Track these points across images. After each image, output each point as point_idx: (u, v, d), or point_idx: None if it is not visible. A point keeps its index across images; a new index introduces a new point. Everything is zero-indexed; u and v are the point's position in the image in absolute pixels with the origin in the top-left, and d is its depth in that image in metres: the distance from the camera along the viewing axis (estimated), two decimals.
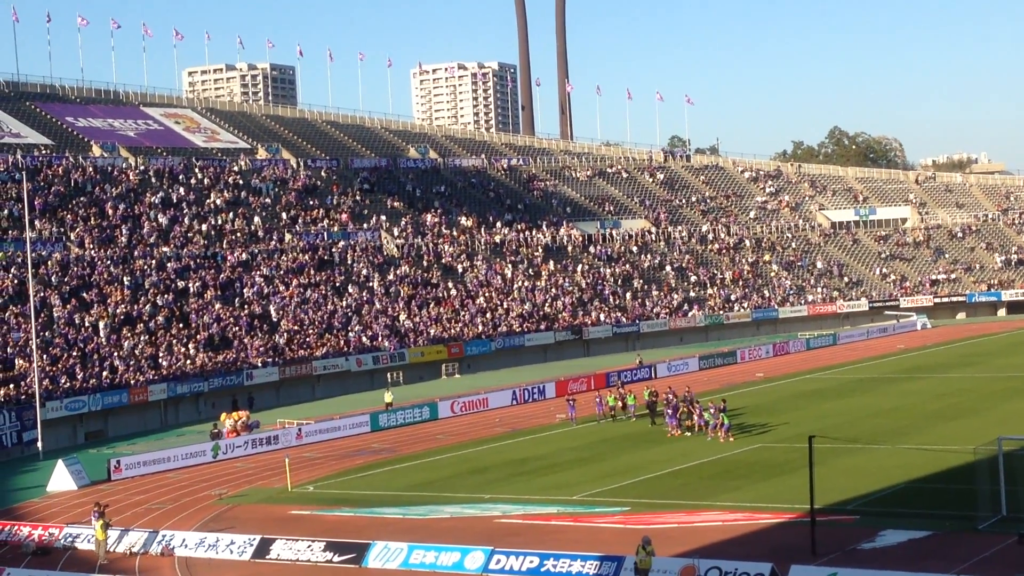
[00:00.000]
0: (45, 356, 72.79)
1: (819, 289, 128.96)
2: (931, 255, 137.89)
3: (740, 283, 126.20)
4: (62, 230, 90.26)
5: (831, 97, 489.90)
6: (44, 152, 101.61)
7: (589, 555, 35.47)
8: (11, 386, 68.24)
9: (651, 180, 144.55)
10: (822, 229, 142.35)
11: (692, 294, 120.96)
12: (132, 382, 74.98)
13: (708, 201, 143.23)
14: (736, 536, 38.36)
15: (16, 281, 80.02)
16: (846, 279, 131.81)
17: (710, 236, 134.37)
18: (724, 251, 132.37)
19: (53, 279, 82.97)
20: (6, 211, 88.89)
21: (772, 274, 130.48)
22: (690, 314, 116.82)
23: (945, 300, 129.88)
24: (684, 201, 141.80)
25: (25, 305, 74.61)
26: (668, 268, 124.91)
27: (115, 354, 77.43)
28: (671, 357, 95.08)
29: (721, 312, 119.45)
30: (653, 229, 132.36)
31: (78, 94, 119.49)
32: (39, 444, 64.63)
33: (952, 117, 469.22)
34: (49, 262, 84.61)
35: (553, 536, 39.74)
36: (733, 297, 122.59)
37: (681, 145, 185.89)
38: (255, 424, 66.06)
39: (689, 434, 59.05)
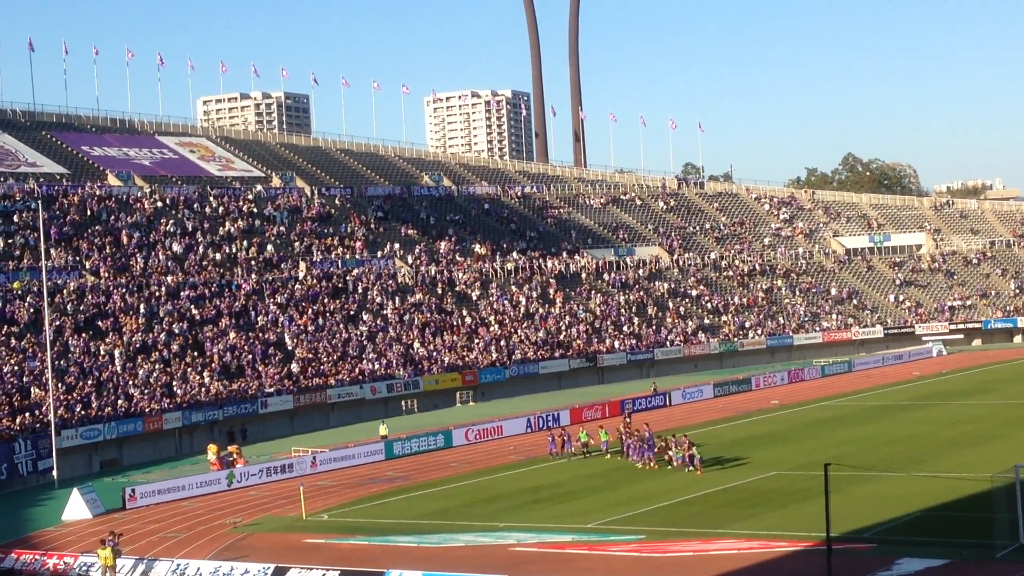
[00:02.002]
0: (61, 385, 72.94)
1: (834, 316, 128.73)
2: (946, 281, 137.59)
3: (754, 310, 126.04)
4: (77, 259, 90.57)
5: (845, 124, 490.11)
6: (60, 181, 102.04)
7: None
8: (27, 415, 68.36)
9: (665, 207, 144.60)
10: (836, 256, 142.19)
11: (706, 321, 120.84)
12: (147, 410, 75.07)
13: (722, 228, 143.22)
14: (752, 565, 38.22)
15: (32, 310, 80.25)
16: (859, 306, 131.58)
17: (724, 263, 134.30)
18: (738, 278, 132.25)
19: (68, 308, 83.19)
20: (22, 240, 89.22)
21: (786, 301, 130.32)
22: (704, 341, 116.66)
23: (961, 327, 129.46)
24: (698, 228, 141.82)
25: (41, 334, 74.81)
26: (682, 295, 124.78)
27: (130, 382, 77.57)
28: (686, 384, 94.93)
29: (735, 339, 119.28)
30: (667, 256, 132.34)
31: (94, 123, 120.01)
32: (55, 473, 64.69)
33: (966, 143, 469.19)
34: (65, 291, 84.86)
35: (568, 564, 39.64)
36: (747, 324, 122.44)
37: (695, 172, 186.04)
38: (227, 457, 64.60)
39: (670, 467, 58.17)
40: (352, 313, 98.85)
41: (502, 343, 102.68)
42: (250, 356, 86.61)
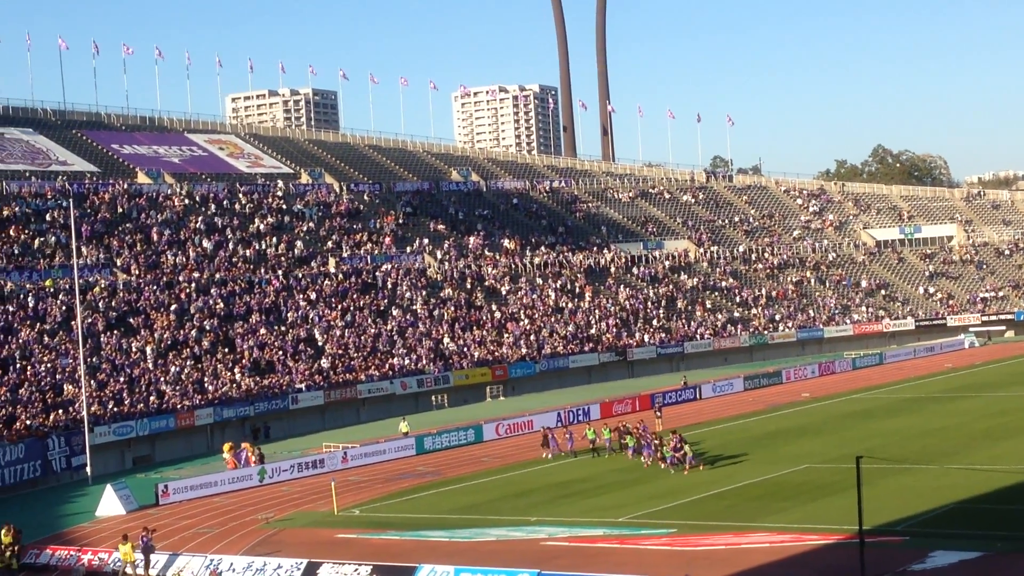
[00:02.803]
0: (93, 382, 73.34)
1: (864, 308, 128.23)
2: (977, 272, 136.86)
3: (784, 303, 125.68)
4: (108, 256, 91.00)
5: (874, 115, 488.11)
6: (91, 179, 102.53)
7: None
8: (60, 412, 68.76)
9: (693, 200, 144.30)
10: (867, 248, 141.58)
11: (736, 314, 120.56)
12: (179, 407, 75.43)
13: (751, 221, 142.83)
14: (784, 558, 38.16)
15: (64, 307, 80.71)
16: (890, 298, 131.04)
17: (753, 256, 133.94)
18: (768, 271, 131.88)
19: (100, 305, 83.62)
20: (53, 238, 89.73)
21: (816, 293, 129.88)
22: (734, 334, 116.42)
23: (993, 318, 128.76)
24: (727, 221, 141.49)
25: (73, 331, 75.25)
26: (711, 289, 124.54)
27: (162, 379, 77.94)
28: (716, 378, 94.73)
29: (766, 332, 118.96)
30: (696, 250, 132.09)
31: (123, 122, 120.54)
32: (88, 469, 65.07)
33: (997, 134, 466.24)
34: (96, 288, 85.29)
35: (599, 559, 39.64)
36: (778, 317, 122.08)
37: (723, 165, 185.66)
38: (242, 452, 64.75)
39: (663, 465, 57.42)
40: (382, 308, 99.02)
41: (532, 337, 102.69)
42: (280, 352, 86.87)
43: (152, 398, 75.09)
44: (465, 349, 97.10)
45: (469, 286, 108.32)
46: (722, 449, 61.63)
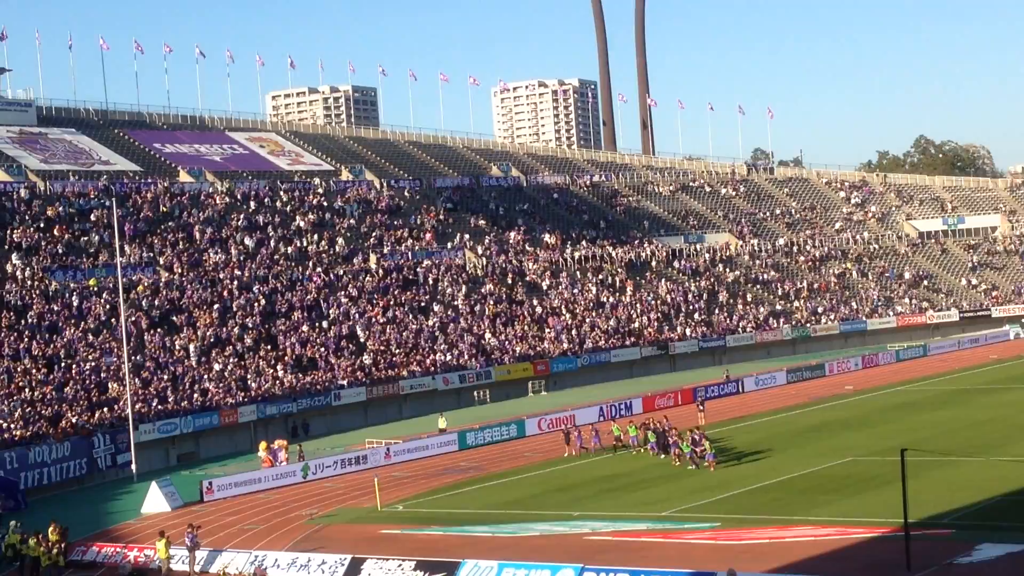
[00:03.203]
0: (137, 380, 73.79)
1: (908, 300, 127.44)
2: (1021, 263, 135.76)
3: (827, 295, 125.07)
4: (151, 255, 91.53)
5: (916, 106, 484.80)
6: (133, 178, 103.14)
7: (680, 572, 35.30)
8: (105, 409, 69.24)
9: (734, 193, 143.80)
10: (910, 239, 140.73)
11: (778, 307, 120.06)
12: (222, 404, 75.80)
13: (792, 213, 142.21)
14: (829, 552, 37.97)
15: (108, 306, 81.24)
16: (933, 289, 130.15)
17: (795, 248, 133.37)
18: (810, 263, 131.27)
19: (143, 303, 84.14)
20: (97, 237, 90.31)
21: (859, 285, 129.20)
22: (777, 327, 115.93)
23: None
24: (768, 214, 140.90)
25: (117, 330, 75.75)
26: (753, 281, 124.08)
27: (205, 376, 78.35)
28: (758, 371, 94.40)
29: (808, 325, 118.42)
30: (737, 242, 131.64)
31: (165, 121, 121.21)
32: (133, 467, 65.53)
33: None
34: (139, 287, 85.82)
35: (643, 553, 39.57)
36: (820, 309, 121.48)
37: (764, 158, 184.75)
38: (278, 451, 65.13)
39: (679, 463, 56.86)
40: (423, 304, 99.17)
41: (573, 332, 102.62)
42: (323, 349, 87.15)
43: (196, 395, 75.50)
44: (506, 344, 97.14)
45: (510, 281, 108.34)
46: (762, 443, 61.46)
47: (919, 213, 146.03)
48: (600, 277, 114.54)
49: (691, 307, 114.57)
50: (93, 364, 74.59)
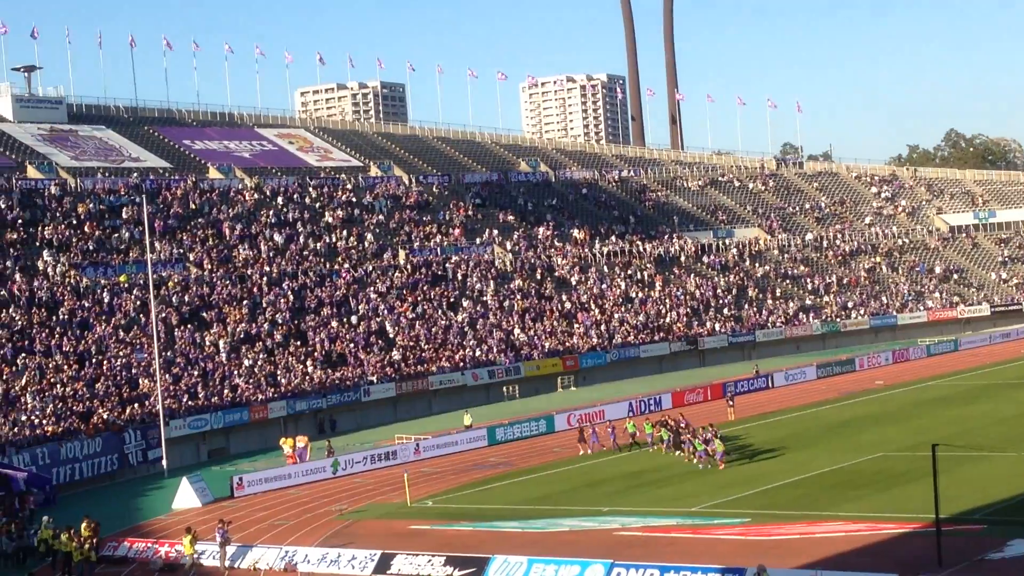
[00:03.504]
0: (167, 376, 74.10)
1: (938, 294, 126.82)
2: None
3: (857, 290, 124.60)
4: (181, 251, 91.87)
5: (946, 99, 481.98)
6: (163, 175, 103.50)
7: (710, 567, 35.25)
8: (136, 405, 69.56)
9: (764, 188, 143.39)
10: (940, 233, 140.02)
11: (808, 302, 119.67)
12: (252, 400, 76.04)
13: (822, 208, 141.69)
14: (860, 547, 37.87)
15: (138, 302, 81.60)
16: (964, 283, 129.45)
17: (825, 243, 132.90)
18: (840, 258, 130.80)
19: (173, 300, 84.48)
20: (127, 234, 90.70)
21: (889, 280, 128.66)
22: (806, 322, 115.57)
23: None
24: (798, 208, 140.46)
25: (147, 326, 76.08)
26: (783, 276, 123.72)
27: (235, 372, 78.61)
28: (788, 366, 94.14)
29: (838, 320, 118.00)
30: (767, 237, 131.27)
31: (194, 117, 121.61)
32: (164, 462, 65.82)
33: None
34: (169, 283, 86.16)
35: (672, 548, 39.54)
36: (850, 304, 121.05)
37: (793, 152, 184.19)
38: (303, 450, 64.80)
39: (693, 460, 56.27)
40: (452, 300, 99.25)
41: (602, 327, 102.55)
42: (352, 345, 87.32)
43: (226, 391, 75.77)
44: (536, 340, 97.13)
45: (539, 277, 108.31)
46: (782, 441, 61.32)
47: (950, 207, 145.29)
48: (629, 272, 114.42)
49: (720, 302, 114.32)
50: (124, 360, 74.95)
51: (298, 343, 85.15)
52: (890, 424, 64.49)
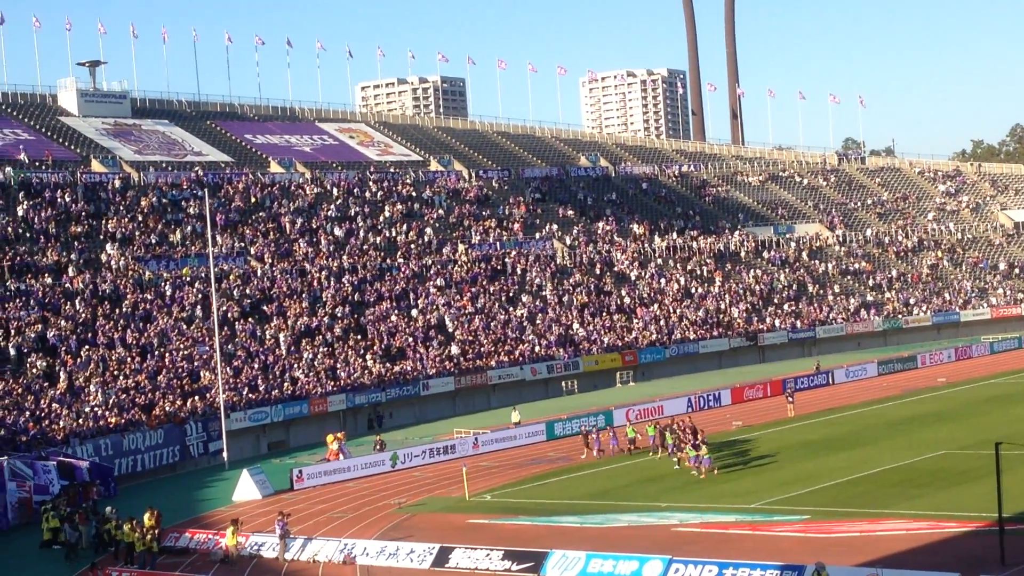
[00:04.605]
0: (228, 368, 74.65)
1: (1002, 291, 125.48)
2: None
3: (919, 286, 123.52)
4: (242, 245, 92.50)
5: (1012, 93, 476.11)
6: (224, 169, 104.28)
7: (769, 564, 35.09)
8: (197, 398, 70.14)
9: (825, 183, 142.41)
10: (1004, 229, 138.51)
11: (869, 298, 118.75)
12: (312, 393, 76.46)
13: (884, 204, 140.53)
14: (920, 545, 37.57)
15: (200, 296, 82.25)
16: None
17: (887, 239, 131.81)
18: (902, 254, 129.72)
19: (235, 293, 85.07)
20: (190, 227, 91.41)
21: (952, 276, 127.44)
22: (868, 319, 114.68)
23: None
24: (859, 204, 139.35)
25: (209, 319, 76.68)
26: (844, 272, 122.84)
27: (295, 366, 79.06)
28: (849, 363, 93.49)
29: (900, 316, 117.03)
30: (828, 233, 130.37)
31: (256, 112, 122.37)
32: (224, 455, 66.35)
33: None
34: (230, 276, 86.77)
35: (731, 545, 39.39)
36: (912, 301, 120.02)
37: (855, 147, 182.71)
38: (344, 448, 64.69)
39: (682, 465, 54.91)
40: (511, 295, 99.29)
41: (661, 323, 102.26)
42: (411, 339, 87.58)
43: (286, 384, 76.22)
44: (594, 335, 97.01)
45: (598, 271, 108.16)
46: (851, 438, 60.91)
47: (1014, 203, 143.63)
48: (688, 267, 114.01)
49: (781, 298, 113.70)
50: (185, 353, 75.58)
51: (357, 337, 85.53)
52: (952, 422, 63.91)
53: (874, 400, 75.97)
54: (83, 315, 76.38)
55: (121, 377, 70.44)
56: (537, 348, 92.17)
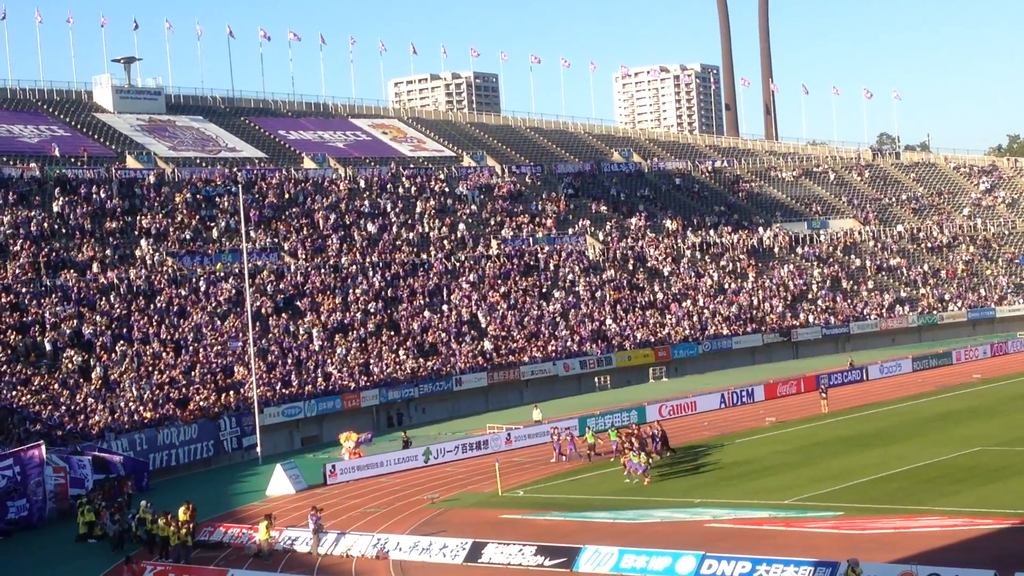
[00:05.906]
0: (262, 364, 74.92)
1: None
2: None
3: (954, 282, 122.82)
4: (276, 240, 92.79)
5: None
6: (258, 165, 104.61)
7: (803, 561, 34.97)
8: (231, 393, 70.43)
9: (859, 179, 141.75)
10: None
11: (904, 294, 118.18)
12: (345, 388, 76.64)
13: (919, 199, 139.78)
14: (956, 542, 37.36)
15: (233, 291, 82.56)
16: None
17: (922, 235, 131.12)
18: (937, 250, 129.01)
19: (268, 289, 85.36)
20: (224, 223, 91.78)
21: (988, 272, 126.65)
22: (902, 314, 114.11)
23: None
24: (894, 199, 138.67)
25: (242, 314, 76.97)
26: (878, 268, 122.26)
27: (328, 361, 79.27)
28: (883, 359, 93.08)
29: (935, 312, 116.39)
30: (862, 228, 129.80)
31: (289, 108, 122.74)
32: (258, 449, 66.62)
33: None
34: (264, 272, 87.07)
35: (765, 541, 39.28)
36: (947, 296, 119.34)
37: (890, 142, 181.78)
38: (366, 439, 64.82)
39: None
40: (544, 290, 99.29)
41: (694, 318, 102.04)
42: (444, 334, 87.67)
43: (319, 380, 76.44)
44: (627, 330, 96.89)
45: (631, 267, 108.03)
46: (884, 434, 60.61)
47: None
48: (722, 263, 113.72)
49: (815, 294, 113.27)
50: (219, 348, 75.89)
51: (391, 332, 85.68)
52: (988, 418, 63.52)
53: (908, 396, 75.60)
54: (118, 311, 76.81)
55: (156, 372, 70.82)
56: (570, 344, 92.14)
